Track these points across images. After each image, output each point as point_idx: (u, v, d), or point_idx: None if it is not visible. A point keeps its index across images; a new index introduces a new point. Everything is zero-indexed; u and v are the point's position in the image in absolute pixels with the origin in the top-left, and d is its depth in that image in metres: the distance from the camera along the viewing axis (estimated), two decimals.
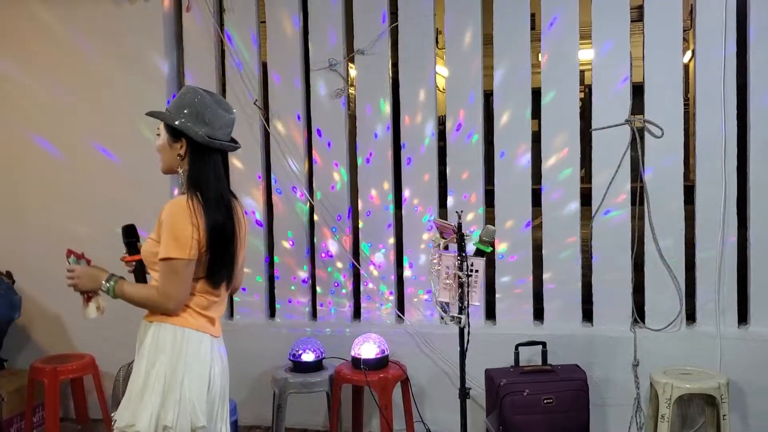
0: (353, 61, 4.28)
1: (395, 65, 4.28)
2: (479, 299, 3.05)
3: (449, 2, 4.11)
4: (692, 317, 3.95)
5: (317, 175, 4.37)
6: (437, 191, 4.24)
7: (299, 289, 4.42)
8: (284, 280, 4.43)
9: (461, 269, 2.98)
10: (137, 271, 2.50)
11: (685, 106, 3.93)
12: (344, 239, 4.33)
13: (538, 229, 4.09)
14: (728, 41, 3.77)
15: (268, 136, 4.41)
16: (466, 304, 2.99)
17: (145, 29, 4.40)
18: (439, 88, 4.33)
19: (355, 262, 4.34)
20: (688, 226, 3.91)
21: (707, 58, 3.82)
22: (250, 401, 4.30)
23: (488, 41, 4.07)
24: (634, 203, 3.94)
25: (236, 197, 2.52)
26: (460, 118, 4.14)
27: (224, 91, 4.41)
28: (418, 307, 4.25)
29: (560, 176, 4.02)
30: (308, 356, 3.96)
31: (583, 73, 4.03)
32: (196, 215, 2.30)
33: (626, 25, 3.91)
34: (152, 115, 2.47)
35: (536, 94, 4.03)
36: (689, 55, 5.30)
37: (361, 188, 4.31)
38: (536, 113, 4.05)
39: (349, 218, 4.35)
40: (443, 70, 4.26)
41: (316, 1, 4.28)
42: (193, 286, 2.37)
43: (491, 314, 4.21)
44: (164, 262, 2.29)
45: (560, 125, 4.01)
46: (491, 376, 3.74)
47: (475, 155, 4.13)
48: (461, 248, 2.99)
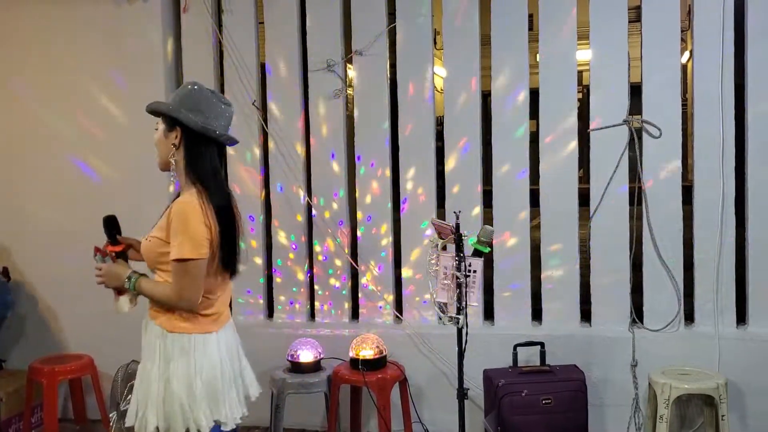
0: (351, 61, 4.28)
1: (393, 66, 4.29)
2: (477, 299, 3.05)
3: (447, 3, 4.11)
4: (691, 317, 3.95)
5: (315, 175, 4.37)
6: (435, 191, 4.23)
7: (297, 289, 4.42)
8: (283, 280, 4.43)
9: (459, 269, 2.98)
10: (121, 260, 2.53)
11: (683, 106, 3.93)
12: (343, 240, 4.33)
13: (536, 229, 4.09)
14: (726, 42, 3.77)
15: (266, 136, 4.41)
16: (464, 304, 2.99)
17: (143, 30, 4.40)
18: (437, 88, 4.33)
19: (353, 262, 4.34)
20: (686, 226, 3.92)
21: (705, 58, 3.82)
22: (248, 401, 4.28)
23: (486, 42, 4.07)
24: (632, 203, 3.94)
25: (232, 195, 2.52)
26: (457, 118, 4.14)
27: (223, 91, 4.41)
28: (416, 307, 4.25)
29: (558, 177, 4.01)
30: (306, 357, 3.96)
31: (581, 73, 4.03)
32: (207, 215, 2.31)
33: (624, 25, 3.92)
34: (149, 108, 2.46)
35: (534, 94, 4.03)
36: (687, 55, 5.31)
37: (359, 189, 4.31)
38: (534, 113, 4.05)
39: (347, 218, 4.35)
40: (441, 70, 4.26)
41: (314, 2, 4.28)
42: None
43: (489, 314, 4.21)
44: (179, 264, 2.28)
45: (558, 126, 4.01)
46: (489, 376, 3.74)
47: (473, 155, 4.13)
48: (459, 248, 2.99)
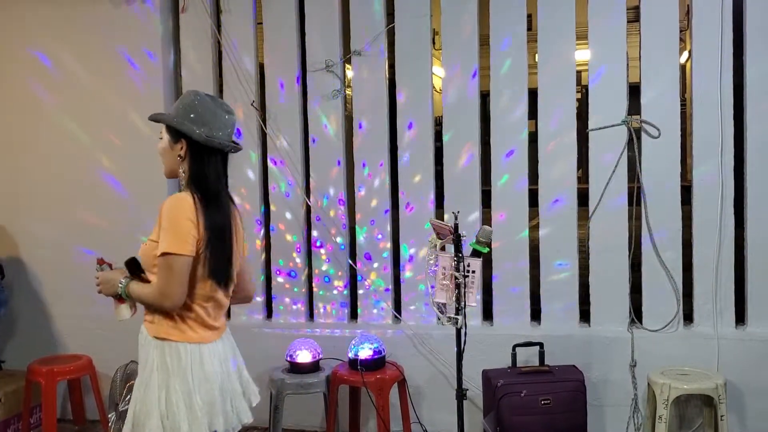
0: (350, 62, 4.28)
1: (392, 66, 4.28)
2: (476, 300, 3.05)
3: (446, 3, 4.11)
4: (689, 318, 3.95)
5: (314, 175, 4.37)
6: (434, 192, 4.23)
7: (296, 289, 4.41)
8: (281, 280, 4.43)
9: (458, 270, 2.97)
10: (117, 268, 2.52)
11: (681, 106, 3.92)
12: (342, 239, 4.33)
13: (535, 229, 4.09)
14: (725, 41, 3.77)
15: (265, 137, 4.41)
16: (463, 304, 2.99)
17: (142, 30, 4.39)
18: (435, 88, 4.33)
19: (352, 263, 4.34)
20: (685, 226, 3.91)
21: (704, 58, 3.82)
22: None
23: (485, 42, 4.07)
24: (631, 203, 3.94)
25: (234, 202, 2.52)
26: (456, 118, 4.14)
27: (221, 92, 4.41)
28: (415, 308, 4.24)
29: (557, 177, 4.01)
30: (305, 357, 3.95)
31: (579, 73, 4.03)
32: (196, 212, 2.30)
33: (623, 25, 3.91)
34: (152, 118, 2.48)
35: (533, 94, 4.03)
36: (686, 55, 5.30)
37: (358, 189, 4.31)
38: (533, 114, 4.05)
39: (346, 218, 4.35)
40: (440, 70, 4.26)
41: (313, 2, 4.28)
42: (193, 294, 2.35)
43: (488, 315, 4.21)
44: (162, 258, 2.26)
45: (557, 126, 4.01)
46: (488, 376, 3.74)
47: (471, 155, 4.13)
48: (458, 249, 2.99)
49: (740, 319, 3.90)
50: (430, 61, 4.18)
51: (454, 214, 3.10)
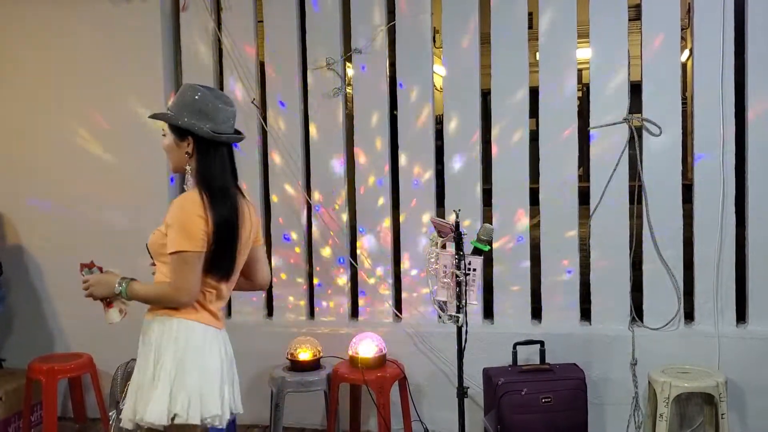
0: (351, 60, 4.27)
1: (393, 64, 4.28)
2: (477, 298, 3.05)
3: (446, 1, 4.10)
4: (690, 316, 3.95)
5: (315, 173, 4.36)
6: (434, 190, 4.23)
7: (297, 287, 4.41)
8: (282, 278, 4.43)
9: (459, 268, 2.97)
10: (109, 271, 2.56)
11: (683, 104, 3.92)
12: (341, 237, 4.32)
13: (536, 228, 4.09)
14: (726, 40, 3.77)
15: (265, 134, 4.41)
16: (463, 303, 2.99)
17: (142, 28, 4.39)
18: (436, 87, 4.32)
19: (352, 261, 4.33)
20: (686, 224, 3.91)
21: (705, 56, 3.81)
22: (247, 400, 4.16)
23: (486, 40, 4.06)
24: (632, 202, 3.94)
25: (245, 196, 2.55)
26: (457, 117, 4.13)
27: (222, 89, 4.40)
28: (416, 306, 4.24)
29: (558, 175, 4.01)
30: (306, 355, 3.95)
31: (580, 71, 4.03)
32: (205, 209, 2.34)
33: (624, 23, 3.91)
34: (155, 117, 2.50)
35: (534, 92, 4.03)
36: (687, 53, 5.30)
37: (358, 187, 4.30)
38: (534, 112, 4.05)
39: (346, 216, 4.34)
40: (441, 69, 4.26)
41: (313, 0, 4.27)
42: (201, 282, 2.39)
43: (489, 313, 4.21)
44: (176, 255, 2.31)
45: (558, 124, 4.00)
46: (489, 375, 3.74)
47: (472, 154, 4.13)
48: (459, 247, 2.99)
49: (741, 317, 3.90)
50: (431, 59, 4.17)
51: (455, 212, 3.09)
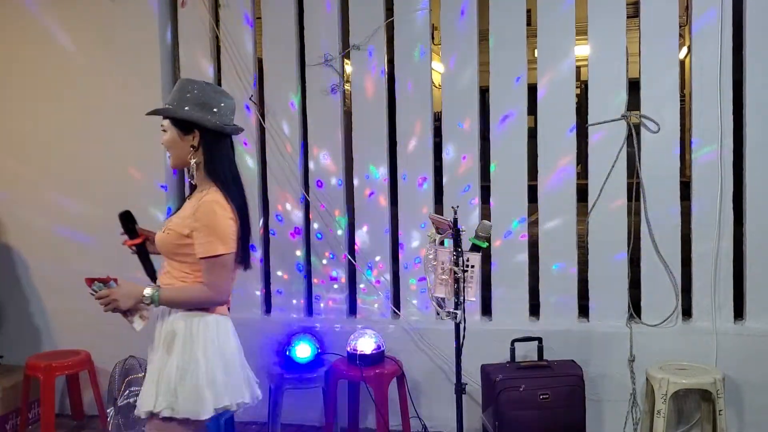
0: (349, 56, 4.27)
1: (391, 61, 4.27)
2: (475, 294, 3.05)
3: None
4: (688, 313, 3.95)
5: (312, 170, 4.36)
6: (433, 187, 4.23)
7: (295, 284, 4.41)
8: (280, 275, 4.43)
9: (457, 265, 2.97)
10: (141, 252, 2.61)
11: (681, 101, 3.92)
12: (340, 234, 4.32)
13: (534, 224, 4.09)
14: (724, 37, 3.77)
15: (263, 131, 4.40)
16: (461, 299, 2.99)
17: (140, 25, 4.38)
18: (434, 83, 4.32)
19: (350, 257, 4.33)
20: (684, 221, 3.92)
21: (703, 53, 3.82)
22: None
23: (484, 37, 4.06)
24: (630, 199, 3.94)
25: None
26: (455, 114, 4.13)
27: (220, 86, 4.38)
28: (413, 303, 4.25)
29: (556, 172, 4.01)
30: (304, 352, 3.95)
31: (579, 68, 4.03)
32: (232, 209, 2.42)
33: (622, 20, 3.91)
34: (159, 112, 2.49)
35: (532, 89, 4.03)
36: (685, 50, 5.29)
37: (357, 183, 4.30)
38: (532, 109, 4.05)
39: (344, 213, 4.35)
40: (439, 65, 4.26)
41: None
42: None
43: (487, 310, 4.21)
44: (212, 259, 2.37)
45: (556, 121, 4.00)
46: (487, 371, 3.74)
47: (470, 151, 4.13)
48: (457, 244, 2.99)
49: (739, 314, 3.90)
50: (429, 55, 4.17)
51: (453, 208, 3.09)
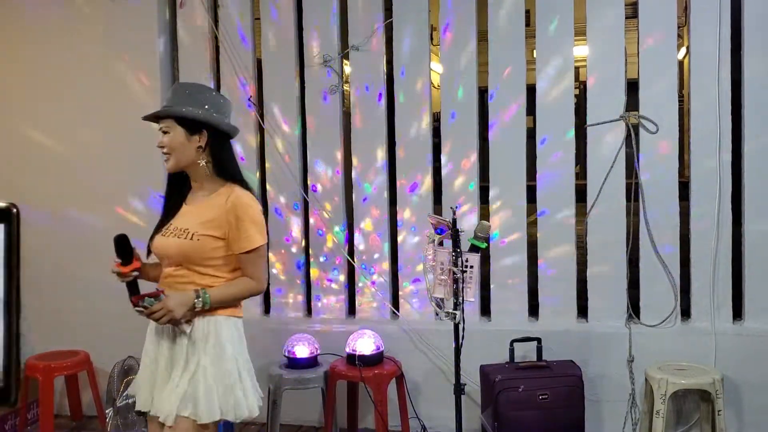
0: (348, 57, 4.27)
1: (390, 62, 4.28)
2: (474, 295, 3.05)
3: None
4: (687, 313, 3.96)
5: (311, 171, 4.36)
6: (432, 187, 4.23)
7: (294, 285, 4.42)
8: (279, 276, 4.43)
9: (456, 265, 2.97)
10: (132, 284, 2.44)
11: (679, 102, 3.92)
12: (339, 234, 4.33)
13: (533, 225, 4.09)
14: (722, 37, 3.77)
15: (262, 132, 4.40)
16: (460, 299, 2.99)
17: (139, 26, 4.38)
18: (433, 84, 4.33)
19: (349, 258, 4.33)
20: (682, 222, 3.92)
21: (702, 54, 3.82)
22: None
23: (483, 38, 4.06)
24: (629, 199, 3.94)
25: None
26: (454, 114, 4.14)
27: (219, 88, 4.40)
28: (412, 303, 4.25)
29: (555, 173, 4.01)
30: (303, 352, 3.95)
31: (577, 69, 4.03)
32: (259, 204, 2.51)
33: (621, 21, 3.91)
34: (170, 113, 2.43)
35: (531, 90, 4.03)
36: (683, 51, 5.30)
37: (356, 184, 4.31)
38: (531, 110, 4.05)
39: (343, 214, 4.35)
40: (438, 66, 4.26)
41: None
42: (235, 272, 2.49)
43: (486, 310, 4.21)
44: (254, 251, 2.44)
45: (555, 121, 4.01)
46: (486, 372, 3.74)
47: (469, 152, 4.13)
48: (456, 244, 2.99)
49: (737, 314, 3.90)
50: (428, 56, 4.17)
51: (452, 209, 3.10)
